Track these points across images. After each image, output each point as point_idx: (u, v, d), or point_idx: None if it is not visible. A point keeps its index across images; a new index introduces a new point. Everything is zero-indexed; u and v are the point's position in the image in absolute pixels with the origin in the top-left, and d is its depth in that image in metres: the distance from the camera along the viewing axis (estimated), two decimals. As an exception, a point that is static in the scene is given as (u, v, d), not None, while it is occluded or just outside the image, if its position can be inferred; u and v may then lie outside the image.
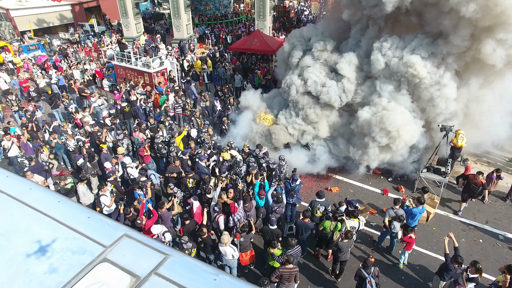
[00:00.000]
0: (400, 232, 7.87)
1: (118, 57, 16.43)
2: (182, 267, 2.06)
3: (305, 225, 7.39)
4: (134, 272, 1.95)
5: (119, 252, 2.10)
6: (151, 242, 2.24)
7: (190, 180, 8.79)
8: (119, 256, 2.07)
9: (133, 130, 11.38)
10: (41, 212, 2.39)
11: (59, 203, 2.54)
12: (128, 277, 1.92)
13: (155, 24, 28.47)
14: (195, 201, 7.92)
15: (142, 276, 1.92)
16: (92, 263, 2.01)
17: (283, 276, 6.20)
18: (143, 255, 2.10)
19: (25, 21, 26.06)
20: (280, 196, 7.87)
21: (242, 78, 16.08)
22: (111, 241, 2.18)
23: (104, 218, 2.48)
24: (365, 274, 6.07)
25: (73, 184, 8.58)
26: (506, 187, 10.15)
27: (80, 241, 2.18)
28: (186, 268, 2.07)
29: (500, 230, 8.88)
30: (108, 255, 2.08)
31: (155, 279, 1.92)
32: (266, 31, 21.02)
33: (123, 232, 2.26)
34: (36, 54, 20.31)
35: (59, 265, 2.00)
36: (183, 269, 2.04)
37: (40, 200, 2.53)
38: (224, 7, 32.32)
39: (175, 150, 10.00)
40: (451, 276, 6.42)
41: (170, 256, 2.10)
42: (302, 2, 37.62)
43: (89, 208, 2.68)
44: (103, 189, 8.23)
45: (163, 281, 1.90)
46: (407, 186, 10.55)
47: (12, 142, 10.27)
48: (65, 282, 1.88)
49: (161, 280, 1.91)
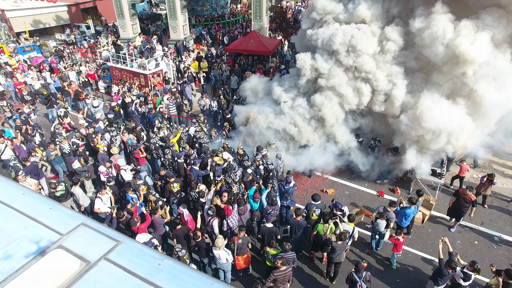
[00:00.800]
0: (387, 232, 7.93)
1: (113, 58, 16.35)
2: (131, 253, 2.23)
3: (298, 223, 7.40)
4: (85, 257, 2.11)
5: (74, 240, 2.27)
6: (106, 230, 2.42)
7: (174, 184, 8.64)
8: (73, 243, 2.23)
9: (121, 133, 11.23)
10: (5, 204, 2.55)
11: (24, 196, 2.71)
12: (79, 262, 2.07)
13: (151, 25, 28.37)
14: (184, 209, 7.72)
15: (92, 261, 2.09)
16: (46, 250, 2.15)
17: (277, 280, 6.17)
18: (96, 242, 2.27)
19: (21, 22, 25.92)
20: (275, 199, 7.83)
21: (238, 80, 16.03)
22: (68, 230, 2.35)
23: (65, 208, 2.66)
24: (356, 278, 6.06)
25: (63, 191, 8.49)
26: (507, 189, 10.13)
27: (38, 229, 2.32)
28: (134, 254, 2.24)
29: (495, 231, 8.86)
30: (64, 242, 2.23)
31: (104, 263, 2.09)
32: (263, 32, 20.97)
33: (81, 221, 2.44)
34: (31, 55, 20.22)
35: (14, 252, 2.12)
36: (131, 255, 2.21)
37: (5, 193, 2.70)
38: (221, 7, 32.25)
39: (169, 153, 9.92)
40: (445, 281, 6.41)
41: (121, 243, 2.28)
42: (299, 2, 37.65)
43: (52, 200, 2.79)
44: (101, 192, 8.13)
45: (111, 265, 2.08)
46: (403, 188, 10.54)
47: (5, 145, 10.19)
48: (17, 267, 2.01)
49: (109, 265, 2.08)
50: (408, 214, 7.88)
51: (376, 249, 8.31)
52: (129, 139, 11.00)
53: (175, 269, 2.16)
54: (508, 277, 5.93)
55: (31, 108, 13.14)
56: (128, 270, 2.05)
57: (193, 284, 2.11)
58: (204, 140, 10.87)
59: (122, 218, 7.53)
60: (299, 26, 25.96)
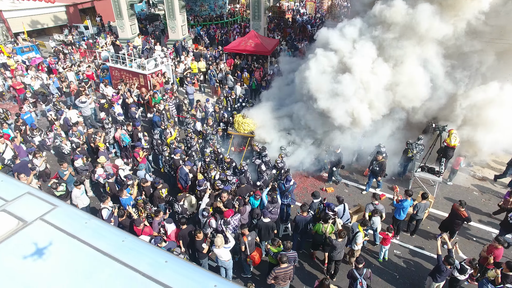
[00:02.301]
0: (379, 225, 8.01)
1: (112, 58, 16.36)
2: (66, 216, 2.59)
3: (304, 219, 7.51)
4: (23, 218, 2.45)
5: (17, 205, 2.61)
6: (48, 198, 2.75)
7: (162, 190, 8.54)
8: (15, 208, 2.56)
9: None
10: None
11: None
12: (16, 221, 2.41)
13: (150, 25, 28.37)
14: (169, 224, 7.40)
15: (29, 221, 2.42)
16: None
17: (278, 277, 6.23)
18: (36, 207, 2.60)
19: (19, 22, 25.84)
20: (275, 197, 7.89)
21: (233, 80, 16.03)
22: (13, 197, 2.68)
23: (15, 181, 3.03)
24: (357, 275, 6.13)
25: (63, 192, 8.50)
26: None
27: None
28: (69, 216, 2.59)
29: (493, 228, 8.95)
30: (8, 207, 2.56)
31: (39, 223, 2.43)
32: (261, 32, 21.04)
33: (27, 191, 2.77)
34: (30, 56, 20.17)
35: None
36: (66, 217, 2.56)
37: None
38: (219, 8, 32.32)
39: (167, 150, 9.97)
40: (444, 278, 6.47)
41: (58, 207, 2.62)
42: (297, 2, 37.74)
43: (4, 174, 3.14)
44: (105, 202, 7.91)
45: (46, 224, 2.43)
46: (401, 186, 10.62)
47: (6, 144, 10.19)
48: None
49: (44, 224, 2.43)
50: (406, 207, 8.02)
51: (375, 244, 8.42)
52: (122, 134, 11.12)
53: (100, 228, 2.54)
54: (509, 269, 6.00)
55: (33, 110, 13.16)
56: (60, 228, 2.40)
57: (112, 233, 2.51)
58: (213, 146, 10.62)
59: (123, 217, 7.57)
60: (297, 26, 26.11)
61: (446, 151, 9.77)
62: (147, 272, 2.09)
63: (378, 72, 10.23)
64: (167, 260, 2.25)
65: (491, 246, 6.90)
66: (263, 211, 7.42)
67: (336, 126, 10.66)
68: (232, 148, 11.83)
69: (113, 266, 2.14)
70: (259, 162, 9.49)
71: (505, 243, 6.87)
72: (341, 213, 8.01)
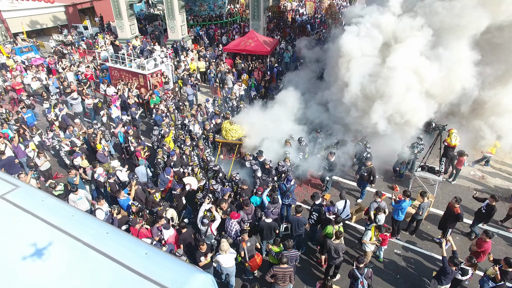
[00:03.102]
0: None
1: (112, 58, 16.33)
2: (27, 196, 2.84)
3: (297, 219, 7.48)
4: None
5: None
6: (11, 179, 3.04)
7: (156, 194, 8.45)
8: None
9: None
10: None
11: None
12: None
13: (149, 25, 28.34)
14: (166, 230, 7.25)
15: None
16: None
17: (277, 276, 6.20)
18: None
19: (18, 22, 25.81)
20: (276, 197, 7.88)
21: (233, 79, 16.02)
22: None
23: None
24: (358, 274, 6.11)
25: (62, 192, 8.46)
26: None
27: None
28: (30, 196, 2.86)
29: (492, 227, 8.96)
30: None
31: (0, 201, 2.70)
32: (261, 32, 21.03)
33: None
34: (29, 56, 20.13)
35: None
36: (27, 197, 2.81)
37: None
38: (218, 7, 32.28)
39: (160, 153, 10.05)
40: (449, 280, 6.42)
41: (19, 187, 2.87)
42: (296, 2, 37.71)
43: None
44: (100, 203, 7.86)
45: (6, 203, 2.68)
46: (401, 185, 10.62)
47: (5, 144, 10.17)
48: None
49: (4, 202, 2.68)
50: (404, 207, 8.00)
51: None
52: (119, 132, 11.15)
53: (56, 205, 2.80)
54: (508, 265, 6.00)
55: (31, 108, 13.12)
56: (18, 205, 2.67)
57: (65, 209, 2.77)
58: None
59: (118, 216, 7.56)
60: (296, 26, 26.11)
61: (447, 151, 9.79)
62: (89, 242, 2.41)
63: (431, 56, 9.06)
64: (108, 231, 2.63)
65: (480, 240, 7.05)
66: (265, 212, 7.41)
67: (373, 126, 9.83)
68: (221, 156, 11.44)
69: (64, 239, 2.46)
70: (256, 168, 9.29)
71: (493, 235, 7.02)
72: (341, 209, 8.01)
